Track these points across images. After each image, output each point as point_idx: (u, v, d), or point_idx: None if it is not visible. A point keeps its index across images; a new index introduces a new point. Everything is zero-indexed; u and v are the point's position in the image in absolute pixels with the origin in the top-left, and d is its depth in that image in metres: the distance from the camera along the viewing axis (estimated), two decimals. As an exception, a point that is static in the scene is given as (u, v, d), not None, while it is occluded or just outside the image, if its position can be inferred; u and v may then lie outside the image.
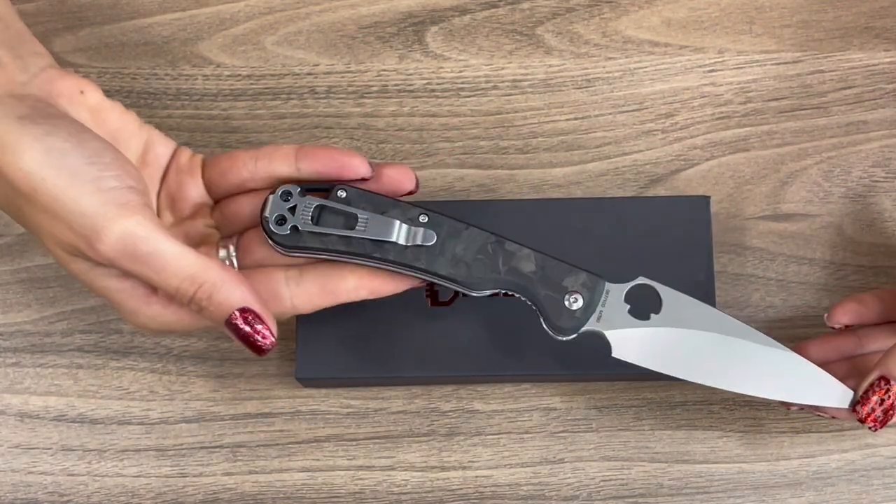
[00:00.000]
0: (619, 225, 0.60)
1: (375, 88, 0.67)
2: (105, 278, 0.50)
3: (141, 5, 0.68)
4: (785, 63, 0.67)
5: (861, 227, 0.65)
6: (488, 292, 0.54)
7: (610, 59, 0.67)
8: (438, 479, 0.62)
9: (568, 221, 0.61)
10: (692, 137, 0.66)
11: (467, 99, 0.67)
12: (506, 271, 0.53)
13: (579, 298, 0.53)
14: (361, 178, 0.54)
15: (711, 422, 0.62)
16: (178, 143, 0.56)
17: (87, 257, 0.49)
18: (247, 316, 0.50)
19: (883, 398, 0.53)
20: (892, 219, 0.65)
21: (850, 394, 0.54)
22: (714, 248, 0.62)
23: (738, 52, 0.67)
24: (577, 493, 0.61)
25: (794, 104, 0.66)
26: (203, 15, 0.68)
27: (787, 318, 0.63)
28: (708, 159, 0.66)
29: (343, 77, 0.67)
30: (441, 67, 0.67)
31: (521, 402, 0.63)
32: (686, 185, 0.65)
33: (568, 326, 0.53)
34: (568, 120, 0.66)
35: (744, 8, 0.68)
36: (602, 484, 0.62)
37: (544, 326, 0.54)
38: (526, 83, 0.67)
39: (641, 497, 0.61)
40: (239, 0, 0.68)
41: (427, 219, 0.53)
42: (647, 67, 0.67)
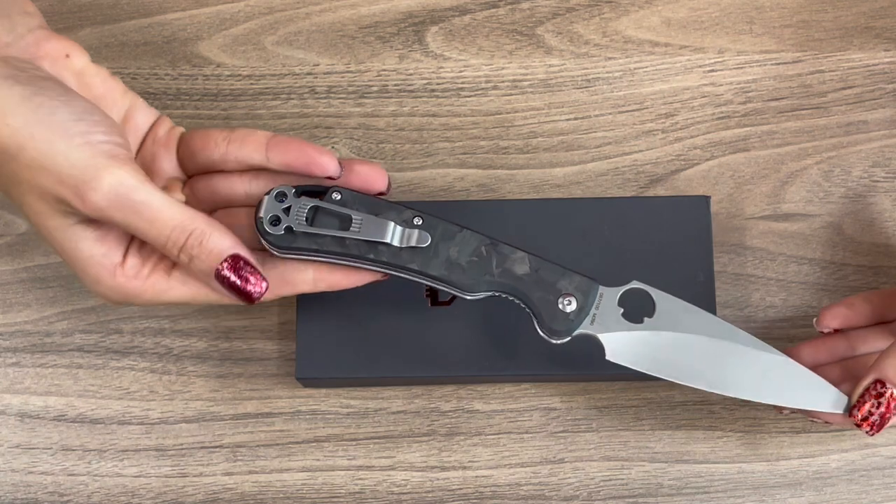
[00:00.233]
0: (619, 225, 0.60)
1: (375, 88, 0.67)
2: (80, 240, 0.50)
3: (141, 5, 0.68)
4: (785, 63, 0.67)
5: (861, 227, 0.65)
6: (482, 295, 0.54)
7: (610, 59, 0.67)
8: (438, 479, 0.62)
9: (568, 221, 0.61)
10: (692, 137, 0.66)
11: (467, 99, 0.67)
12: (499, 273, 0.53)
13: (573, 301, 0.53)
14: (328, 178, 0.53)
15: (711, 422, 0.62)
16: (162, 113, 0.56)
17: (73, 212, 0.49)
18: (237, 263, 0.50)
19: (879, 401, 0.53)
20: (892, 219, 0.65)
21: (843, 398, 0.54)
22: (714, 248, 0.62)
23: (738, 52, 0.67)
24: (577, 493, 0.61)
25: (794, 104, 0.66)
26: (203, 15, 0.68)
27: (787, 318, 0.63)
28: (708, 159, 0.66)
29: (343, 77, 0.67)
30: (441, 67, 0.67)
31: (521, 402, 0.63)
32: (686, 185, 0.65)
33: (561, 329, 0.53)
34: (568, 120, 0.66)
35: (744, 8, 0.68)
36: (602, 484, 0.61)
37: (538, 330, 0.54)
38: (526, 83, 0.67)
39: (641, 497, 0.61)
40: (239, 0, 0.68)
41: (421, 221, 0.53)
42: (647, 67, 0.67)
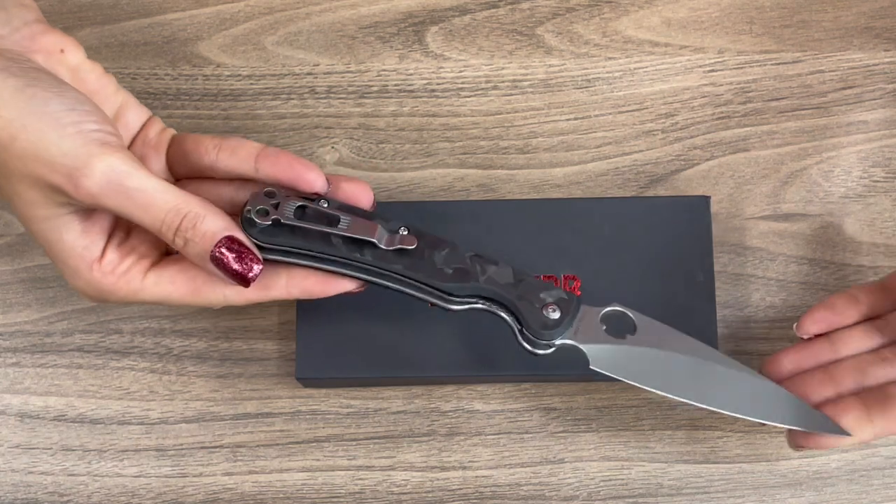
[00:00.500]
0: (619, 225, 0.60)
1: (375, 88, 0.67)
2: (66, 230, 0.50)
3: (141, 5, 0.68)
4: (785, 63, 0.67)
5: (861, 227, 0.65)
6: (465, 307, 0.53)
7: (610, 59, 0.67)
8: (438, 479, 0.62)
9: (568, 221, 0.61)
10: (692, 137, 0.66)
11: (467, 99, 0.67)
12: (484, 280, 0.53)
13: (557, 310, 0.53)
14: (315, 194, 0.53)
15: (711, 422, 0.62)
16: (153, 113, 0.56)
17: (65, 201, 0.49)
18: (232, 245, 0.50)
19: None
20: (893, 219, 0.65)
21: (815, 415, 0.53)
22: (714, 248, 0.62)
23: (738, 52, 0.67)
24: (577, 493, 0.61)
25: (794, 104, 0.66)
26: (203, 15, 0.68)
27: (787, 318, 0.63)
28: (708, 159, 0.66)
29: (343, 77, 0.67)
30: (441, 67, 0.67)
31: (521, 402, 0.63)
32: (686, 185, 0.65)
33: (545, 336, 0.53)
34: (568, 120, 0.66)
35: (744, 8, 0.68)
36: (602, 484, 0.62)
37: (521, 342, 0.53)
38: (526, 83, 0.67)
39: (641, 497, 0.61)
40: (239, 0, 0.68)
41: (407, 231, 0.53)
42: (647, 67, 0.67)
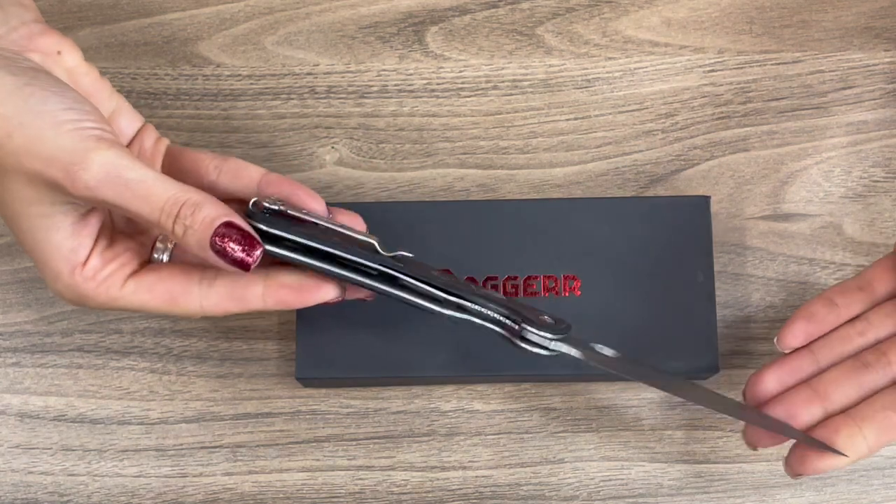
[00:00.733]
0: (619, 225, 0.60)
1: (375, 88, 0.67)
2: (55, 230, 0.50)
3: (141, 5, 0.68)
4: (785, 63, 0.67)
5: (861, 227, 0.65)
6: (457, 315, 0.53)
7: (610, 59, 0.67)
8: (438, 479, 0.62)
9: (568, 221, 0.61)
10: (692, 137, 0.66)
11: (467, 99, 0.67)
12: (477, 289, 0.53)
13: (552, 319, 0.53)
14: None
15: (711, 422, 0.62)
16: (151, 123, 0.56)
17: (61, 198, 0.48)
18: (231, 230, 0.49)
19: None
20: (892, 219, 0.65)
21: (807, 439, 0.52)
22: (714, 248, 0.62)
23: (738, 52, 0.67)
24: (577, 493, 0.61)
25: (794, 104, 0.66)
26: (203, 15, 0.68)
27: (787, 318, 0.63)
28: (708, 159, 0.66)
29: (343, 77, 0.67)
30: (441, 67, 0.67)
31: (521, 402, 0.63)
32: (686, 185, 0.65)
33: (547, 330, 0.52)
34: (568, 120, 0.66)
35: (744, 8, 0.68)
36: (602, 484, 0.62)
37: (522, 342, 0.53)
38: (526, 83, 0.67)
39: (641, 497, 0.61)
40: (239, 0, 0.68)
41: (403, 255, 0.53)
42: (647, 67, 0.67)
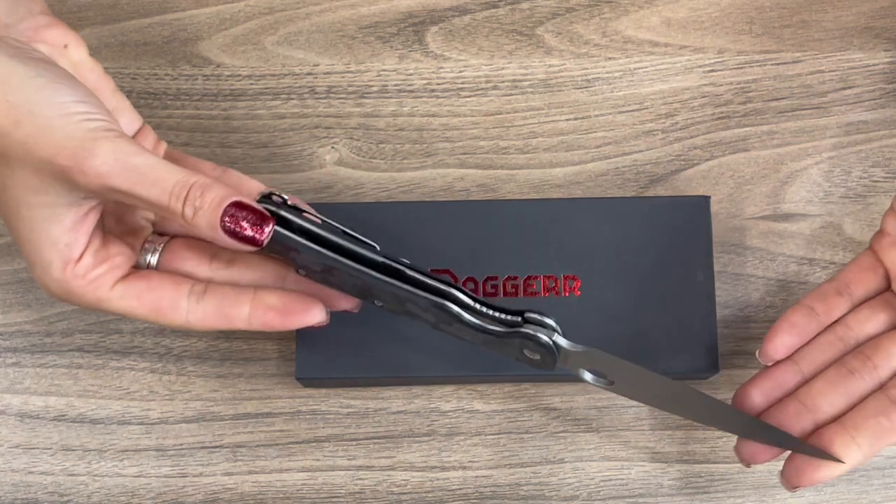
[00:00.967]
0: (619, 225, 0.60)
1: (375, 88, 0.67)
2: (56, 222, 0.50)
3: (141, 5, 0.68)
4: (785, 63, 0.67)
5: (861, 227, 0.65)
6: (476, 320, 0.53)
7: (610, 59, 0.67)
8: (438, 479, 0.62)
9: (568, 221, 0.61)
10: (692, 137, 0.66)
11: (467, 99, 0.67)
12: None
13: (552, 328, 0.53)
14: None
15: (711, 422, 0.62)
16: (151, 124, 0.56)
17: (67, 187, 0.48)
18: (240, 210, 0.49)
19: None
20: (892, 219, 0.65)
21: (805, 447, 0.52)
22: (714, 248, 0.62)
23: (738, 52, 0.67)
24: (577, 493, 0.61)
25: (794, 104, 0.66)
26: (203, 15, 0.68)
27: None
28: (708, 159, 0.66)
29: (343, 77, 0.67)
30: (441, 67, 0.67)
31: (521, 402, 0.63)
32: (686, 185, 0.65)
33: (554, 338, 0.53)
34: (568, 120, 0.66)
35: (744, 8, 0.68)
36: (602, 484, 0.62)
37: (544, 335, 0.52)
38: (526, 83, 0.67)
39: (641, 497, 0.61)
40: (239, 0, 0.68)
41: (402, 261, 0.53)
42: (647, 67, 0.67)
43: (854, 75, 0.67)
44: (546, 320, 0.52)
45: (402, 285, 0.52)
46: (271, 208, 0.51)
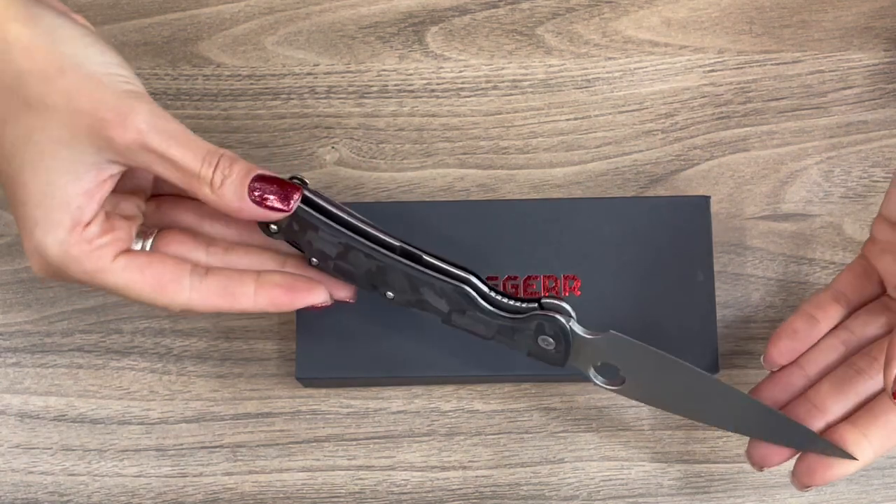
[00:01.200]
0: (619, 225, 0.60)
1: (375, 88, 0.67)
2: (76, 180, 0.50)
3: (141, 5, 0.68)
4: (785, 63, 0.67)
5: (861, 227, 0.65)
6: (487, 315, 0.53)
7: (610, 59, 0.67)
8: (438, 479, 0.62)
9: (568, 221, 0.61)
10: (692, 137, 0.66)
11: (467, 99, 0.67)
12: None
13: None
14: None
15: (711, 422, 0.62)
16: None
17: (97, 145, 0.49)
18: (266, 184, 0.51)
19: None
20: (892, 219, 0.65)
21: (819, 440, 0.53)
22: (714, 248, 0.62)
23: (738, 52, 0.67)
24: (577, 493, 0.61)
25: (794, 104, 0.66)
26: (203, 15, 0.68)
27: (787, 318, 0.63)
28: (708, 159, 0.66)
29: (343, 77, 0.67)
30: (441, 67, 0.67)
31: (521, 402, 0.63)
32: (686, 185, 0.65)
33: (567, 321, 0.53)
34: (568, 120, 0.66)
35: (744, 8, 0.68)
36: (602, 484, 0.62)
37: (560, 327, 0.53)
38: (526, 83, 0.67)
39: (641, 497, 0.61)
40: (239, 0, 0.68)
41: None
42: (647, 67, 0.67)
43: (854, 75, 0.67)
44: (563, 305, 0.52)
45: (421, 268, 0.52)
46: (296, 181, 0.52)
